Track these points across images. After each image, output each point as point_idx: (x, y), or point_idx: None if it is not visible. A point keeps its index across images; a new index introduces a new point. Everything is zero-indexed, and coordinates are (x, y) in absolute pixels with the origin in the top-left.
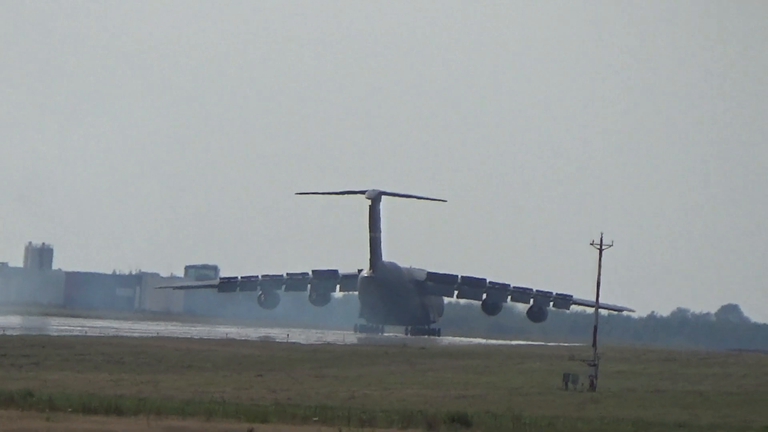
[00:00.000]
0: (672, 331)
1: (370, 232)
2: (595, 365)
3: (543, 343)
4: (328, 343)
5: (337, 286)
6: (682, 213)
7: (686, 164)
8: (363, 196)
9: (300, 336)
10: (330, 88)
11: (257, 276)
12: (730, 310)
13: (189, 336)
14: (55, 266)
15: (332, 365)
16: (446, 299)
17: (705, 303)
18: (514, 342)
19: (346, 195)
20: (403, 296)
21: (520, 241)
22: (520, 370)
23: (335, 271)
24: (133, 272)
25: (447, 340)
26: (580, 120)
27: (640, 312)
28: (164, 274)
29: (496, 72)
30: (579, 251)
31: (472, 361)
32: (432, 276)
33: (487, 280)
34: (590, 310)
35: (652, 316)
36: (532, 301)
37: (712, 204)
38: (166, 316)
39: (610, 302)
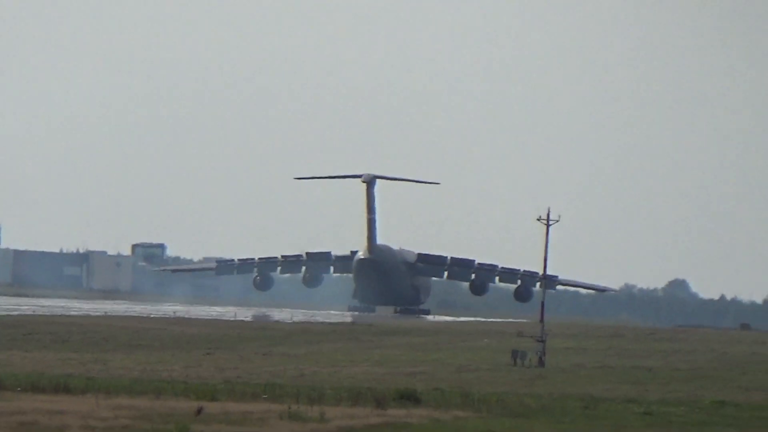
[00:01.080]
0: (620, 306)
1: (367, 214)
2: (543, 341)
3: (491, 320)
4: (276, 321)
5: (331, 268)
6: (630, 188)
7: (635, 139)
8: (359, 180)
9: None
10: (324, 75)
11: (254, 258)
12: (678, 285)
13: (137, 315)
14: (2, 245)
15: (280, 343)
16: (435, 279)
17: (652, 278)
18: (461, 318)
19: (342, 179)
20: (395, 277)
21: (508, 222)
22: (469, 347)
23: (328, 253)
24: (81, 250)
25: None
26: (568, 99)
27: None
28: (111, 252)
29: (486, 58)
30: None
31: (420, 339)
32: (422, 257)
33: (476, 262)
34: (572, 289)
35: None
36: (519, 281)
37: (661, 179)
38: (114, 294)
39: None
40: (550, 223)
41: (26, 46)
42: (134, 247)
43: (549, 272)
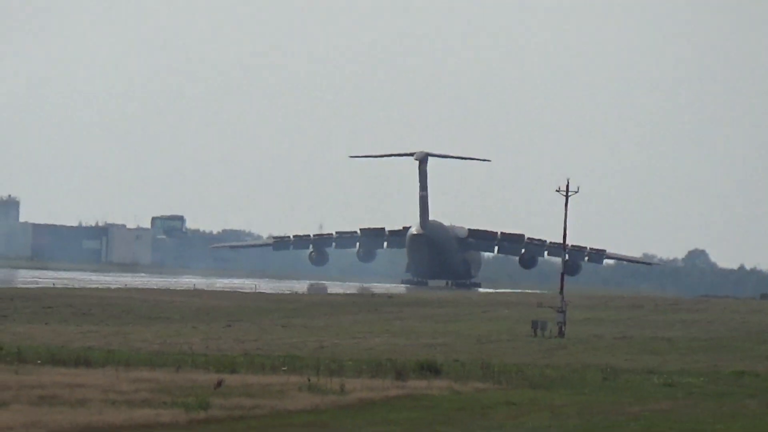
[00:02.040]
0: (640, 277)
1: (420, 191)
2: (563, 312)
3: (512, 291)
4: (296, 293)
5: (384, 243)
6: (650, 160)
7: (656, 112)
8: (411, 158)
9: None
10: (377, 57)
11: (309, 234)
12: (698, 255)
13: (156, 287)
14: (21, 219)
15: (300, 315)
16: (486, 254)
17: (672, 249)
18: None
19: (395, 157)
20: (447, 252)
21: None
22: (489, 317)
23: (382, 229)
24: (100, 224)
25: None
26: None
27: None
28: (131, 225)
29: (530, 44)
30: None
31: (440, 310)
32: (473, 233)
33: (525, 236)
34: (619, 263)
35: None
36: (567, 255)
37: (679, 151)
38: (133, 267)
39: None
40: (570, 194)
41: (49, 21)
42: (153, 219)
43: (582, 244)
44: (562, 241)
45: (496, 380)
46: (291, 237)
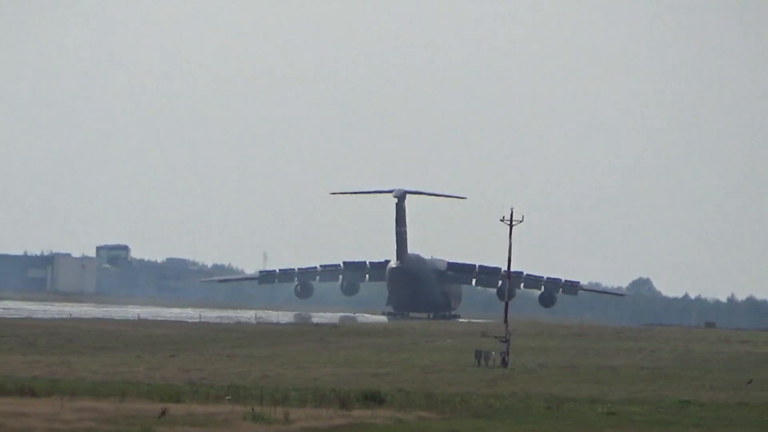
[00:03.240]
0: (584, 305)
1: (396, 227)
2: (506, 341)
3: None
4: (240, 323)
5: (366, 276)
6: (594, 189)
7: (598, 140)
8: (390, 195)
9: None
10: (356, 98)
11: (294, 268)
12: (642, 284)
13: (102, 317)
14: None
15: (245, 344)
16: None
17: (617, 277)
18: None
19: (374, 194)
20: (426, 285)
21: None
22: (433, 347)
23: (364, 263)
24: (45, 253)
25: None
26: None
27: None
28: (76, 254)
29: (509, 77)
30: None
31: (384, 340)
32: (452, 266)
33: (502, 269)
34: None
35: (618, 296)
36: (543, 287)
37: (624, 179)
38: (78, 296)
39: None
40: (514, 223)
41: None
42: (98, 249)
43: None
44: (537, 275)
45: (440, 410)
46: (276, 271)
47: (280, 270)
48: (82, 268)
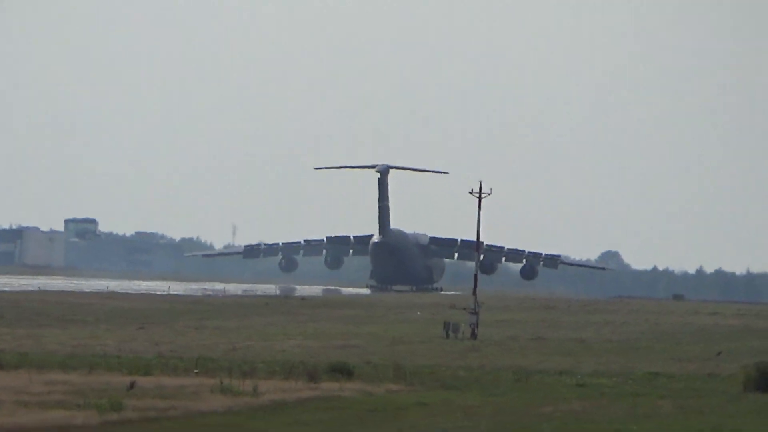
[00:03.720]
0: (553, 278)
1: (381, 201)
2: (476, 314)
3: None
4: (209, 295)
5: (350, 251)
6: (563, 160)
7: (569, 111)
8: (373, 170)
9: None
10: (341, 73)
11: (278, 243)
12: (611, 256)
13: (71, 290)
14: None
15: (213, 317)
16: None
17: (586, 250)
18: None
19: (357, 169)
20: (409, 259)
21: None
22: (402, 319)
23: (347, 237)
24: (13, 227)
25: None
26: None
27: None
28: (44, 228)
29: (490, 58)
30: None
31: (353, 311)
32: (434, 240)
33: (484, 243)
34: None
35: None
36: (524, 261)
37: (593, 151)
38: (47, 270)
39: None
40: (483, 196)
41: None
42: (66, 222)
43: (535, 249)
44: (518, 248)
45: (409, 382)
46: (261, 245)
47: (264, 244)
48: (50, 241)
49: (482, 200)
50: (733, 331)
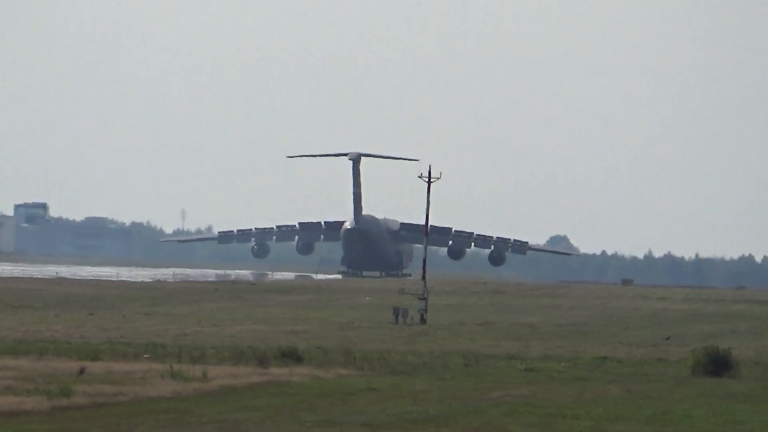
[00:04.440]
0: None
1: (353, 188)
2: (425, 299)
3: (373, 277)
4: (159, 281)
5: (321, 237)
6: (513, 145)
7: (516, 96)
8: (346, 158)
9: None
10: (314, 63)
11: (251, 228)
12: (559, 241)
13: (20, 275)
14: None
15: (163, 302)
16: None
17: (534, 234)
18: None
19: (330, 157)
20: (380, 244)
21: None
22: (351, 304)
23: (319, 223)
24: None
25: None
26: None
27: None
28: None
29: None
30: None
31: (302, 297)
32: (404, 226)
33: (453, 229)
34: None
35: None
36: (492, 246)
37: (543, 137)
38: None
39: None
40: (432, 180)
41: None
42: (16, 207)
43: (487, 233)
44: (487, 234)
45: (358, 367)
46: (235, 231)
47: (238, 230)
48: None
49: (431, 184)
50: (682, 315)
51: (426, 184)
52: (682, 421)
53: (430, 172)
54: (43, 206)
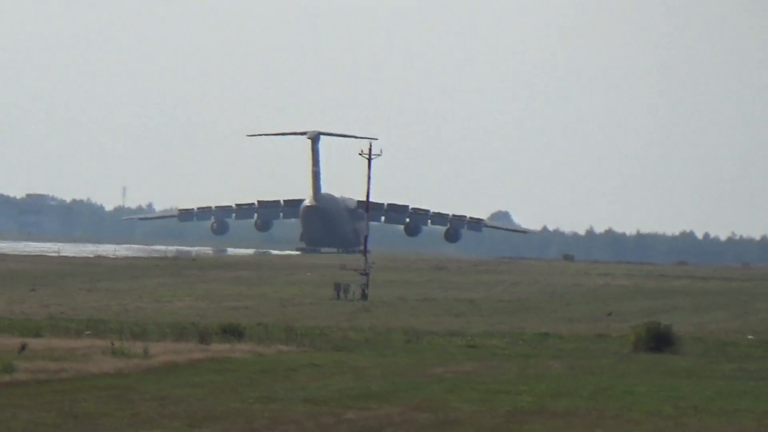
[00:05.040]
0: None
1: (312, 166)
2: (366, 274)
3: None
4: (100, 257)
5: (280, 214)
6: (453, 120)
7: (458, 72)
8: (304, 137)
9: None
10: (276, 42)
11: (211, 206)
12: (501, 217)
13: None
14: None
15: (104, 278)
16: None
17: (476, 210)
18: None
19: (289, 135)
20: (338, 222)
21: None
22: (292, 280)
23: (278, 201)
24: None
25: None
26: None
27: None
28: None
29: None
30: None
31: (243, 272)
32: (362, 204)
33: (410, 207)
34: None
35: (522, 233)
36: (448, 224)
37: (482, 111)
38: None
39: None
40: (372, 157)
41: None
42: None
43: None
44: (443, 212)
45: (300, 343)
46: (195, 209)
47: (198, 208)
48: None
49: (372, 161)
50: (624, 291)
51: (367, 161)
52: (624, 397)
53: (370, 149)
54: None
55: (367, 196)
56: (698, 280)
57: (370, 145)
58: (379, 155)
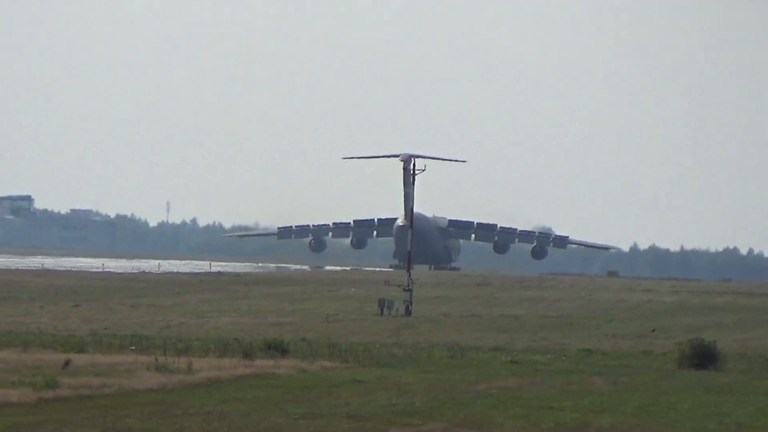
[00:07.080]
0: (488, 255)
1: (404, 188)
2: (410, 290)
3: (359, 268)
4: (143, 272)
5: (374, 233)
6: (511, 138)
7: (518, 92)
8: (397, 159)
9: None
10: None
11: (309, 225)
12: (544, 231)
13: (5, 267)
14: None
15: (147, 294)
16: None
17: (520, 224)
18: (329, 268)
19: (382, 158)
20: (429, 240)
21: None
22: (336, 296)
23: (372, 220)
24: None
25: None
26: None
27: None
28: None
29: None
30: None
31: (287, 288)
32: (452, 223)
33: (498, 226)
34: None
35: (604, 250)
36: (535, 242)
37: (531, 130)
38: None
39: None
40: (417, 172)
41: None
42: (1, 199)
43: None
44: (529, 230)
45: (344, 359)
46: (293, 227)
47: (296, 226)
48: None
49: (416, 176)
50: (667, 307)
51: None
52: (668, 414)
53: (414, 166)
54: (28, 198)
55: (411, 211)
56: (742, 296)
57: (414, 162)
58: (423, 170)
